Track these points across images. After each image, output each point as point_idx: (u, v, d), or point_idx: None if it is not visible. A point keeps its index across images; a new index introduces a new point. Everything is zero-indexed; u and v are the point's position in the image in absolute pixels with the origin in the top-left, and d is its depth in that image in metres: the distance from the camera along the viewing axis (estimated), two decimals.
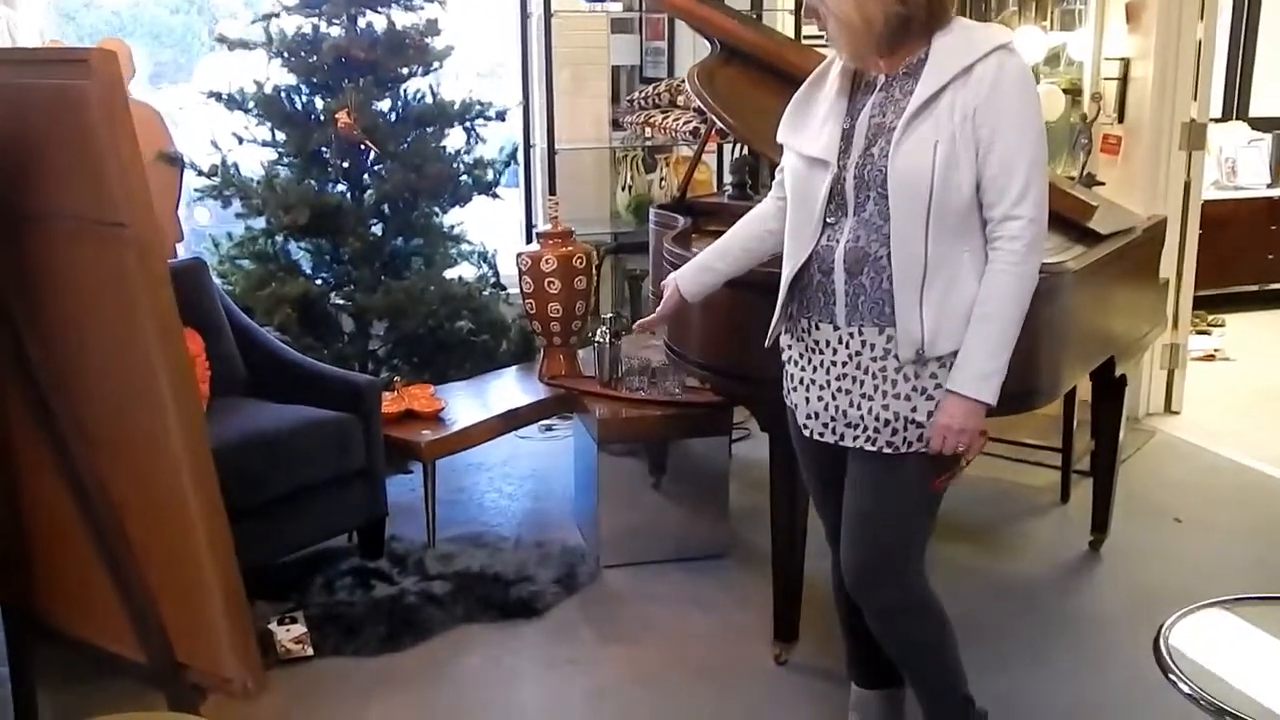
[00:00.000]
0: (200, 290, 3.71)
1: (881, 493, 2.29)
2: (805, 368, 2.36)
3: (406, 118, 4.41)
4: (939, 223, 2.12)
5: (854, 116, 2.23)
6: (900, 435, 2.23)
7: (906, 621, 2.37)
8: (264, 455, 3.28)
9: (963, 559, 3.72)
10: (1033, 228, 2.13)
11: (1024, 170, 2.11)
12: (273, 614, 3.25)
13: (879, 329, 2.21)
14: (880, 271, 2.18)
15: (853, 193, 2.20)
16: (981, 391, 2.14)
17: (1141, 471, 4.49)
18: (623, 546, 3.71)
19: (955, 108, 2.10)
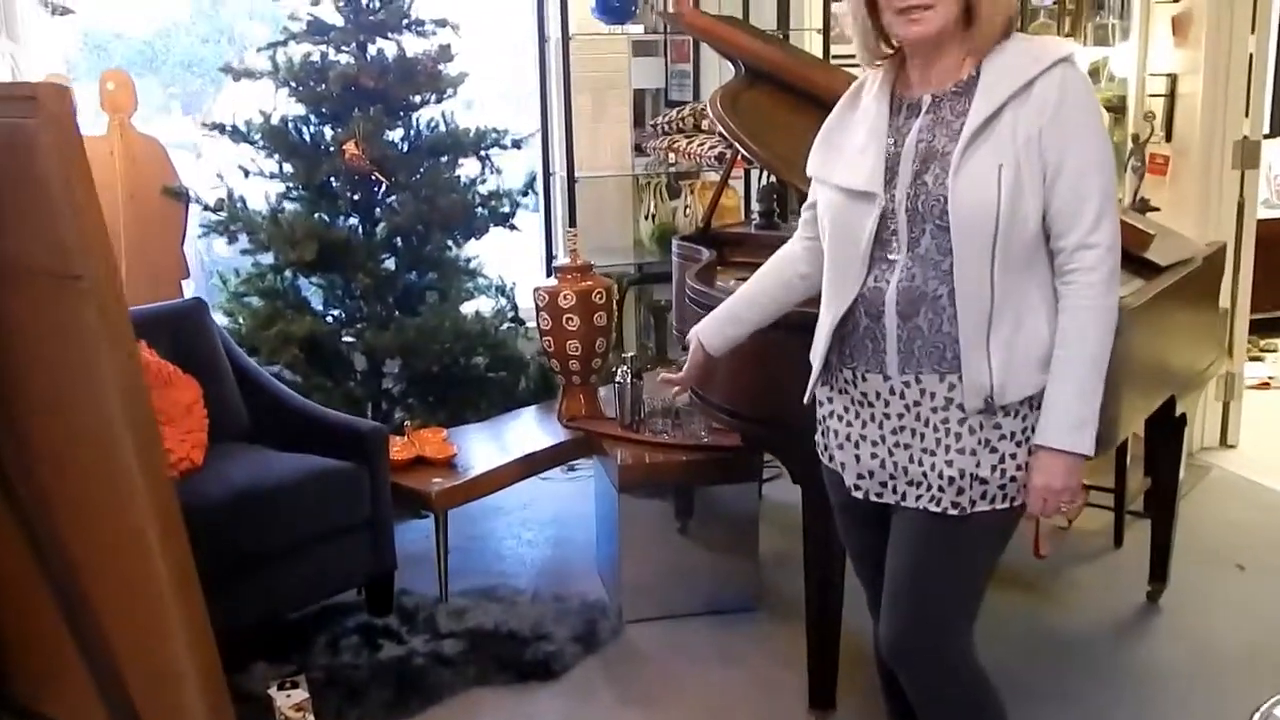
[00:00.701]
0: (199, 332, 3.54)
1: (936, 555, 2.06)
2: (853, 423, 2.13)
3: (419, 147, 4.24)
4: (1005, 256, 1.91)
5: (898, 142, 2.02)
6: (966, 494, 2.00)
7: (951, 697, 2.14)
8: (263, 507, 3.10)
9: (1006, 609, 3.46)
10: (1110, 256, 1.94)
11: (1097, 194, 1.91)
12: (273, 676, 3.05)
13: (939, 376, 1.99)
14: (940, 313, 1.97)
15: (905, 226, 1.98)
16: (1078, 443, 1.94)
17: (1199, 511, 4.23)
18: (646, 599, 3.49)
19: (1017, 129, 1.90)
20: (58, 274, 1.76)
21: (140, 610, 1.99)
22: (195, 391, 3.32)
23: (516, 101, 5.12)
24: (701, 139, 4.56)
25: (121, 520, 1.93)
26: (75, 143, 1.70)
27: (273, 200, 4.16)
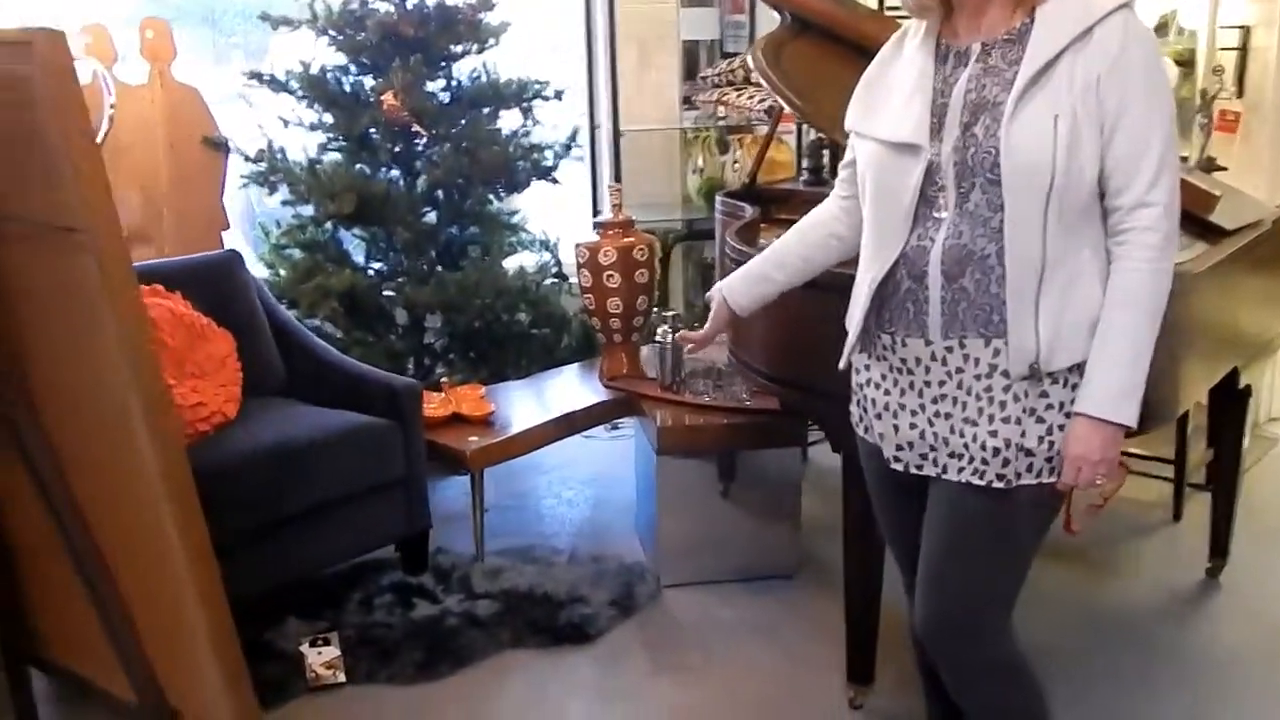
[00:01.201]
0: (235, 285, 3.48)
1: (976, 532, 1.94)
2: (891, 391, 2.01)
3: (459, 98, 4.15)
4: (1059, 213, 1.78)
5: (945, 93, 1.89)
6: (1011, 466, 1.88)
7: (989, 684, 2.03)
8: (294, 463, 3.05)
9: (1059, 584, 3.34)
10: (1169, 217, 1.80)
11: (1158, 149, 1.78)
12: (306, 633, 3.03)
13: (984, 340, 1.87)
14: (988, 273, 1.84)
15: (954, 181, 1.85)
16: (1120, 412, 1.80)
17: (1263, 485, 4.05)
18: (685, 564, 3.41)
19: (1075, 77, 1.77)
20: (56, 226, 1.69)
21: (153, 571, 1.94)
22: (229, 344, 3.27)
23: (560, 53, 4.99)
24: (752, 92, 4.43)
25: (131, 483, 1.87)
26: (73, 91, 1.62)
27: (313, 152, 4.09)
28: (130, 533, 1.95)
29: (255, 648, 2.97)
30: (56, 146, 1.62)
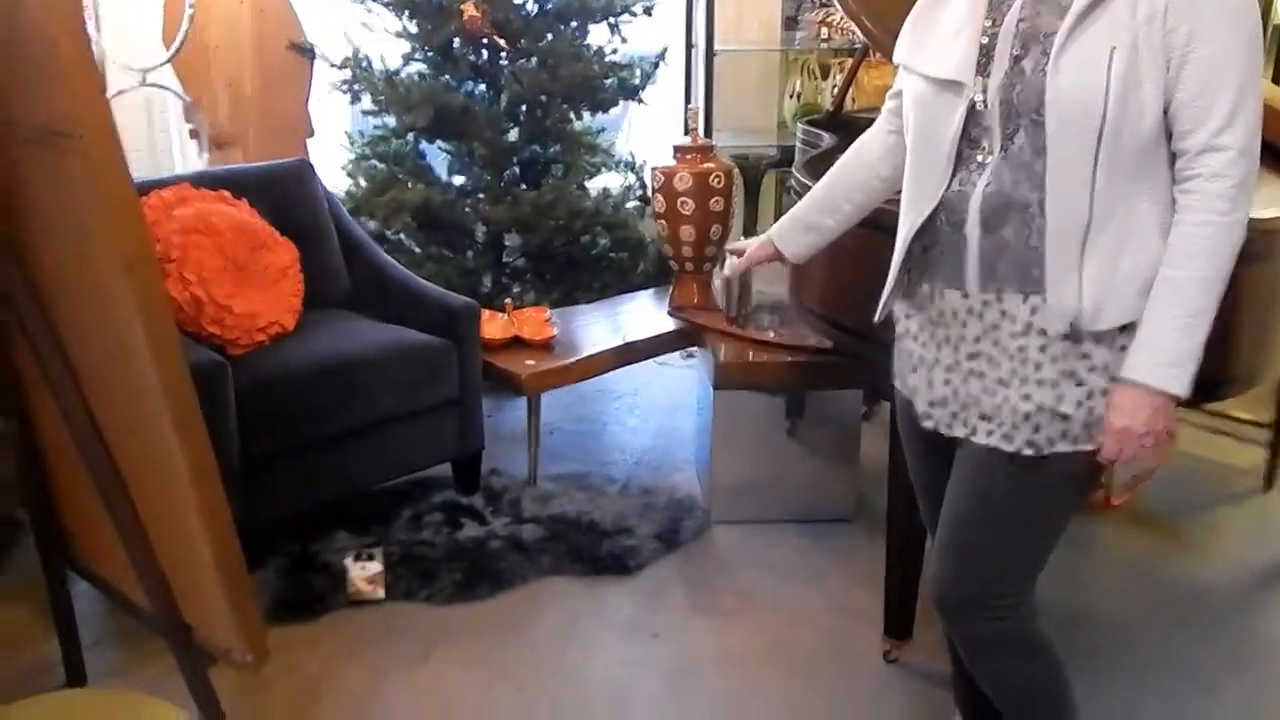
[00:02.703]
0: (303, 195, 3.44)
1: (999, 503, 1.79)
2: (928, 344, 1.86)
3: (545, 12, 4.00)
4: (1111, 159, 1.59)
5: (996, 24, 1.70)
6: (1043, 432, 1.72)
7: (1003, 659, 1.90)
8: (347, 380, 3.02)
9: (1127, 548, 3.15)
10: (1243, 162, 1.58)
11: (1234, 86, 1.56)
12: (352, 547, 3.02)
13: (1023, 296, 1.70)
14: (1029, 223, 1.67)
15: (998, 122, 1.67)
16: (1170, 381, 1.61)
17: None
18: (737, 501, 3.30)
19: (1139, 4, 1.56)
20: (52, 131, 1.62)
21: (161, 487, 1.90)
22: (292, 255, 3.24)
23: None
24: None
25: (137, 398, 1.82)
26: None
27: (395, 62, 4.00)
28: (140, 447, 1.91)
29: (302, 560, 3.01)
30: (46, 48, 1.55)
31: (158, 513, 1.97)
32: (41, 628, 2.55)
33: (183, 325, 2.90)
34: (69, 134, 1.60)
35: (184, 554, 1.97)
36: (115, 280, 1.70)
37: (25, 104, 1.65)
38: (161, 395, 1.77)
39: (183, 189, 3.16)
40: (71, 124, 1.59)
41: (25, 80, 1.63)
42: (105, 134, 1.60)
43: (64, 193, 1.68)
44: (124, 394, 1.85)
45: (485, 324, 3.38)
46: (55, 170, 1.68)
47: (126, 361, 1.78)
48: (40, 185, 1.75)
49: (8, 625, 2.76)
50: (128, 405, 1.86)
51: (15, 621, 2.77)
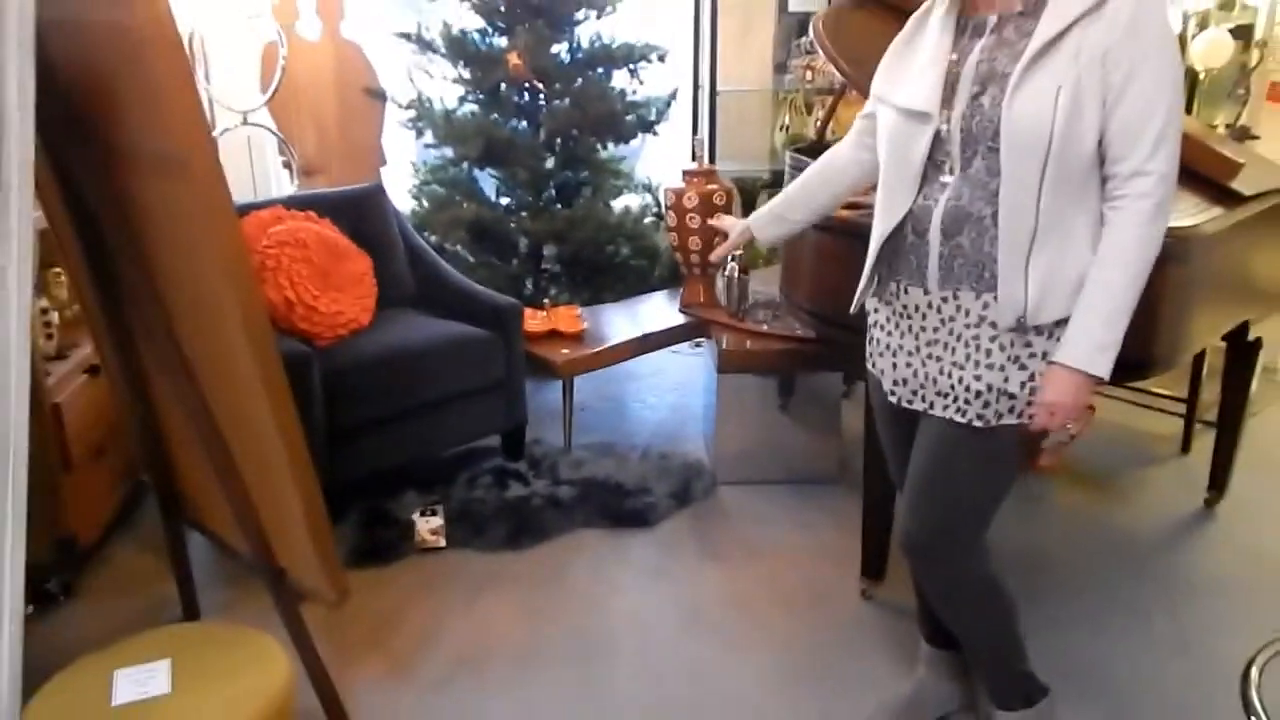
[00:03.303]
0: (376, 213, 3.42)
1: (956, 464, 1.77)
2: (893, 333, 1.84)
3: (578, 59, 3.97)
4: (1055, 181, 1.56)
5: (959, 63, 1.66)
6: (991, 408, 1.70)
7: (963, 597, 1.87)
8: (414, 365, 3.01)
9: (1068, 503, 3.11)
10: (1164, 185, 1.56)
11: (1160, 119, 1.53)
12: (418, 504, 3.01)
13: (975, 294, 1.68)
14: (983, 233, 1.64)
15: (958, 147, 1.64)
16: (1095, 364, 1.60)
17: (1271, 427, 3.70)
18: (738, 466, 3.28)
19: (1083, 49, 1.53)
20: (165, 158, 1.61)
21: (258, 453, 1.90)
22: (367, 264, 3.22)
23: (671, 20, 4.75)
24: None
25: (240, 388, 1.81)
26: (173, 40, 1.52)
27: (451, 103, 3.98)
28: (242, 423, 1.90)
29: (375, 515, 2.99)
30: (159, 86, 1.54)
31: (257, 476, 1.97)
32: (163, 572, 2.55)
33: (277, 322, 2.90)
34: (182, 162, 1.58)
35: (278, 509, 1.96)
36: (220, 286, 1.69)
37: (148, 135, 1.64)
38: (259, 380, 1.76)
39: (277, 210, 3.15)
40: (183, 154, 1.58)
41: (147, 116, 1.61)
42: (211, 165, 1.59)
43: (179, 214, 1.67)
44: (229, 380, 1.85)
45: (527, 319, 3.36)
46: (171, 195, 1.66)
47: (230, 353, 1.77)
48: (160, 208, 1.73)
49: (136, 570, 2.77)
50: (232, 389, 1.85)
51: (142, 567, 2.78)
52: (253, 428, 1.87)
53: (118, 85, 1.64)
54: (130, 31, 1.50)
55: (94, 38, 1.61)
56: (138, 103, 1.62)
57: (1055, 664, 2.29)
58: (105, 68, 1.64)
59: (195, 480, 2.28)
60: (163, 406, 2.23)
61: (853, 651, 2.43)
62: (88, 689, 1.73)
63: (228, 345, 1.77)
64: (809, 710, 2.23)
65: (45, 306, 2.71)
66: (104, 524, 2.88)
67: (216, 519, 2.26)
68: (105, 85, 1.67)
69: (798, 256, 2.63)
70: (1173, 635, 2.48)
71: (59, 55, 1.68)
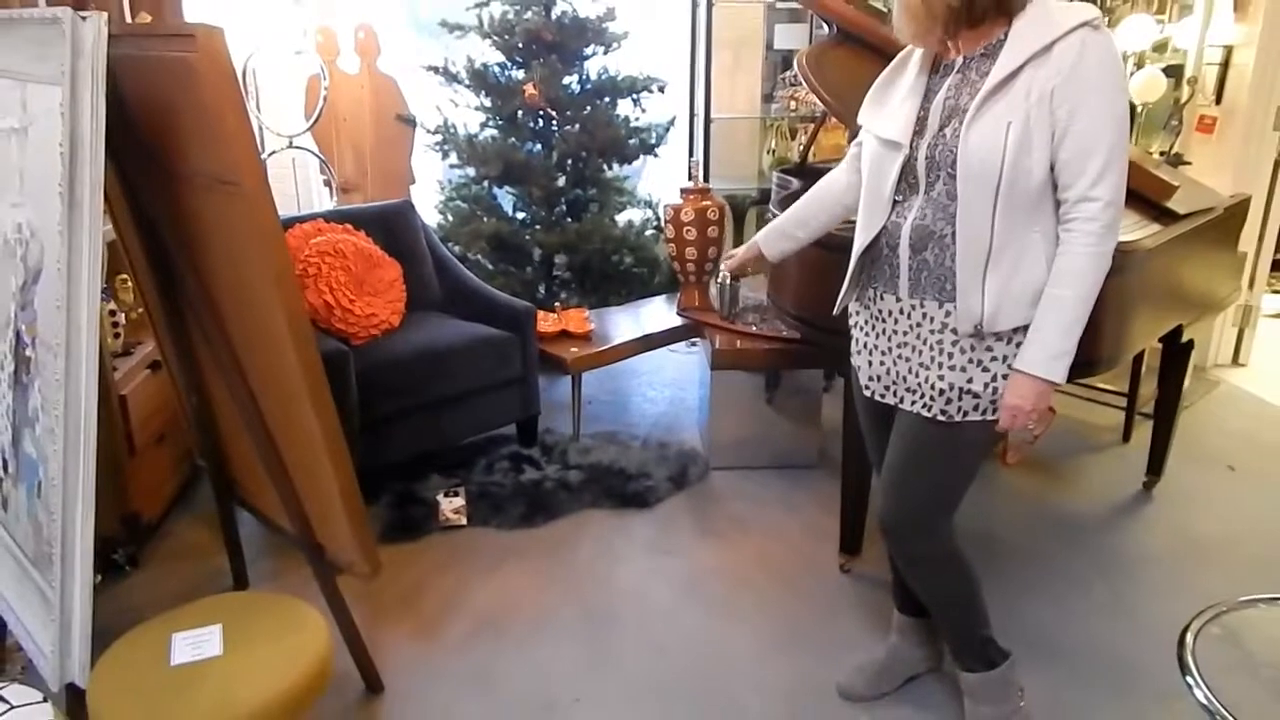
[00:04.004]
0: (406, 226, 3.42)
1: (926, 454, 1.77)
2: (870, 334, 1.85)
3: (586, 90, 3.97)
4: (1007, 204, 1.56)
5: (930, 99, 1.67)
6: (955, 404, 1.71)
7: (932, 570, 1.88)
8: (438, 362, 3.01)
9: (1021, 487, 3.11)
10: (1110, 210, 1.56)
11: (1103, 151, 1.53)
12: (441, 486, 3.01)
13: (939, 303, 1.68)
14: (944, 249, 1.65)
15: (923, 173, 1.65)
16: (1052, 371, 1.60)
17: (1203, 419, 3.70)
18: (730, 452, 3.28)
19: (1032, 88, 1.53)
20: (221, 180, 1.61)
21: (301, 442, 1.90)
22: (397, 271, 3.23)
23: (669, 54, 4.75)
24: None
25: (284, 384, 1.82)
26: (228, 74, 1.53)
27: (474, 128, 3.98)
28: (285, 413, 1.91)
29: (404, 496, 2.99)
30: (216, 117, 1.54)
31: (298, 461, 1.97)
32: (217, 546, 2.56)
33: (317, 324, 2.90)
34: (234, 183, 1.59)
35: (318, 491, 1.97)
36: (266, 291, 1.69)
37: (204, 159, 1.64)
38: (301, 375, 1.77)
39: (318, 223, 3.15)
40: (235, 175, 1.58)
41: (203, 142, 1.62)
42: (260, 183, 1.60)
43: (230, 226, 1.68)
44: (274, 375, 1.85)
45: (540, 321, 3.37)
46: (224, 210, 1.67)
47: (275, 351, 1.78)
48: (214, 221, 1.74)
49: (192, 544, 2.78)
50: (277, 383, 1.86)
51: (198, 541, 2.79)
52: (295, 418, 1.88)
53: (180, 115, 1.64)
54: (191, 67, 1.51)
55: (159, 72, 1.61)
56: (196, 130, 1.62)
57: (1012, 630, 2.30)
58: (169, 99, 1.65)
59: (244, 465, 2.29)
60: (216, 399, 2.24)
61: (833, 619, 2.43)
62: (149, 650, 1.74)
63: (274, 344, 1.78)
64: (793, 671, 2.23)
65: (113, 309, 2.72)
66: (165, 503, 2.88)
67: (263, 500, 2.27)
68: (169, 115, 1.68)
69: (784, 266, 2.60)
70: (1114, 603, 2.49)
71: (128, 88, 1.68)
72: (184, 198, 1.79)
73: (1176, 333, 2.76)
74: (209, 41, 1.49)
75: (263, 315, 1.74)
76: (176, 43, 1.52)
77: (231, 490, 2.42)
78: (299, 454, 1.95)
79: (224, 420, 2.24)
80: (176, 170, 1.76)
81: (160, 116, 1.69)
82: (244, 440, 2.11)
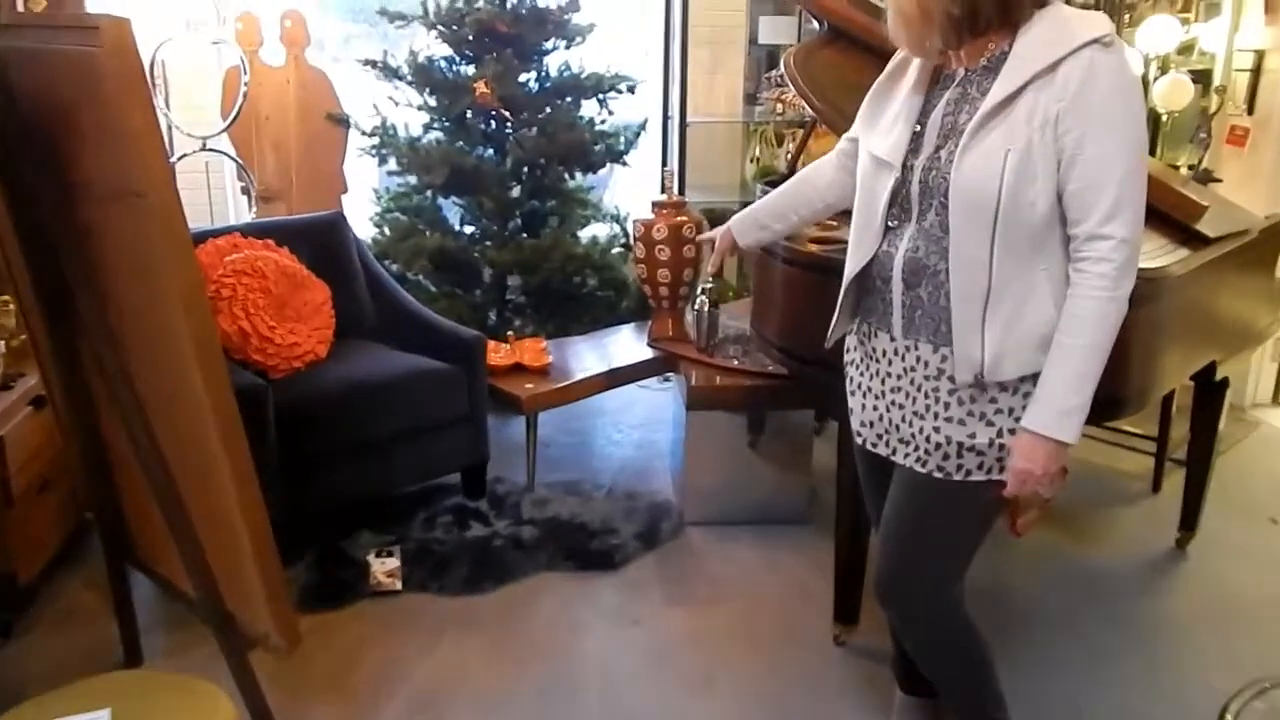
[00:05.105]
0: (336, 242, 3.43)
1: (923, 515, 1.79)
2: (865, 373, 1.88)
3: (547, 88, 4.01)
4: (1007, 240, 1.59)
5: (928, 114, 1.70)
6: (953, 461, 1.72)
7: (937, 642, 1.89)
8: (372, 399, 3.00)
9: (1039, 542, 3.15)
10: (1124, 249, 1.57)
11: (1115, 184, 1.55)
12: (373, 544, 2.98)
13: (934, 347, 1.71)
14: (939, 287, 1.67)
15: (916, 199, 1.68)
16: (1063, 430, 1.60)
17: (1241, 465, 3.77)
18: (707, 505, 3.28)
19: (1035, 111, 1.55)
20: (126, 190, 1.61)
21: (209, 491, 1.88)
22: (325, 293, 3.22)
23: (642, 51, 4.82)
24: None
25: (191, 421, 1.80)
26: (135, 70, 1.53)
27: (416, 130, 4.01)
28: (192, 457, 1.89)
29: (330, 555, 2.97)
30: (119, 118, 1.54)
31: (206, 514, 1.95)
32: (107, 612, 2.50)
33: (231, 353, 2.88)
34: (139, 193, 1.59)
35: (227, 550, 1.95)
36: (175, 317, 1.68)
37: (103, 166, 1.64)
38: (210, 413, 1.75)
39: (234, 238, 3.14)
40: (140, 184, 1.58)
41: (105, 146, 1.62)
42: (168, 193, 1.59)
43: (133, 242, 1.67)
44: (180, 412, 1.84)
45: (490, 352, 3.37)
46: (127, 224, 1.67)
47: (182, 385, 1.77)
48: (115, 236, 1.74)
49: (79, 610, 2.73)
50: (183, 422, 1.84)
51: (85, 606, 2.74)
52: (203, 464, 1.86)
53: (79, 115, 1.64)
54: (93, 63, 1.51)
55: (57, 68, 1.61)
56: (97, 133, 1.62)
57: (1030, 708, 2.31)
58: (67, 98, 1.65)
59: (142, 518, 2.26)
60: (110, 440, 2.21)
61: (824, 698, 2.43)
62: None
63: (180, 378, 1.76)
64: None
65: None
66: (46, 561, 2.83)
67: (163, 560, 2.23)
68: (66, 115, 1.67)
69: (768, 291, 2.65)
70: (1146, 675, 2.51)
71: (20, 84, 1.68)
72: (80, 209, 1.78)
73: (1210, 370, 2.82)
74: (115, 35, 1.49)
75: (168, 344, 1.73)
76: (77, 35, 1.52)
77: (125, 547, 2.38)
78: (206, 505, 1.93)
79: (118, 465, 2.21)
80: (73, 177, 1.75)
81: (56, 116, 1.69)
82: (141, 489, 2.08)
